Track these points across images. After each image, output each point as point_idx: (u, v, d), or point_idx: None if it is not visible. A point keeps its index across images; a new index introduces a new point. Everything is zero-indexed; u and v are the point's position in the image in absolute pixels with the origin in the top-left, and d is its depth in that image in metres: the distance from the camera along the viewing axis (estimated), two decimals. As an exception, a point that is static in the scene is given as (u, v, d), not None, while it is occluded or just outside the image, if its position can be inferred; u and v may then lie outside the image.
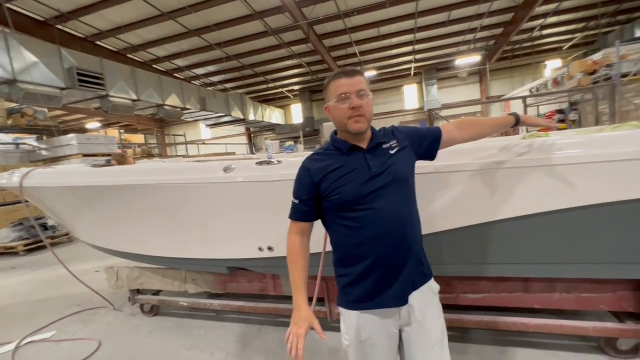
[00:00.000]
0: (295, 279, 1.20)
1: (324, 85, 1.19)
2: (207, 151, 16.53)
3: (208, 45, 10.91)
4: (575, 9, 11.06)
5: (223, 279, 2.61)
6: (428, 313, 1.18)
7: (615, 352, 1.91)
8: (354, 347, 1.19)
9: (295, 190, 1.22)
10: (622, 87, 6.44)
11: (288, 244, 1.23)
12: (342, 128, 1.16)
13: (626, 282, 1.80)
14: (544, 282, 1.90)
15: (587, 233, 1.57)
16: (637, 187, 1.45)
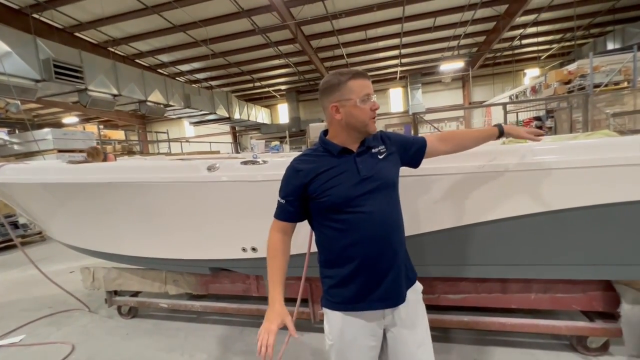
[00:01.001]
0: (272, 274, 1.20)
1: (335, 82, 1.13)
2: (190, 149, 16.21)
3: (194, 42, 10.71)
4: (553, 21, 11.57)
5: (205, 280, 2.56)
6: (412, 313, 1.20)
7: (585, 350, 2.00)
8: (337, 348, 1.19)
9: (281, 190, 1.21)
10: (594, 97, 6.76)
11: (269, 241, 1.23)
12: (361, 128, 1.14)
13: (596, 283, 1.88)
14: (521, 283, 1.96)
15: (561, 236, 1.64)
16: (606, 192, 1.52)
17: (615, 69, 7.49)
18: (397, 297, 1.17)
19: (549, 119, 8.92)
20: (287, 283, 2.37)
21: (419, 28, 11.28)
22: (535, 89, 9.85)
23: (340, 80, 1.12)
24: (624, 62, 7.46)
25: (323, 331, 1.25)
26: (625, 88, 7.46)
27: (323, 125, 9.93)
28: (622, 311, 1.79)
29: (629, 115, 6.85)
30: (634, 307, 1.77)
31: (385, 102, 18.67)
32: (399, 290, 1.17)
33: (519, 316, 2.06)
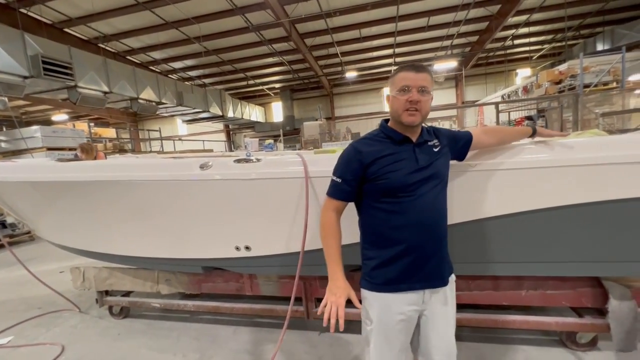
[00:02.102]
0: (332, 252, 1.24)
1: (392, 74, 1.24)
2: (183, 148, 16.04)
3: (186, 39, 10.59)
4: (544, 22, 11.70)
5: (198, 279, 2.54)
6: (450, 299, 1.28)
7: (575, 345, 2.04)
8: (376, 331, 1.23)
9: (339, 169, 1.24)
10: (584, 97, 6.87)
11: (324, 219, 1.26)
12: (396, 119, 1.22)
13: (586, 280, 1.92)
14: (513, 280, 1.99)
15: (551, 233, 1.66)
16: (596, 190, 1.55)
17: (605, 70, 7.62)
18: (439, 279, 1.24)
19: (540, 118, 9.03)
20: (281, 282, 2.39)
21: (413, 27, 11.32)
22: (527, 88, 9.97)
23: (394, 74, 1.23)
24: (612, 63, 7.59)
25: (317, 329, 1.26)
26: (614, 88, 7.59)
27: (317, 124, 9.93)
28: (610, 307, 1.83)
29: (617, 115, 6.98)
30: (621, 303, 1.80)
31: (379, 101, 18.71)
32: (442, 274, 1.25)
33: (510, 313, 2.08)
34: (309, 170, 1.77)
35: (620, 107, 7.11)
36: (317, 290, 2.28)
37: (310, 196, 1.77)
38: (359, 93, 18.79)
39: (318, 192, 1.78)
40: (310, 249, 1.89)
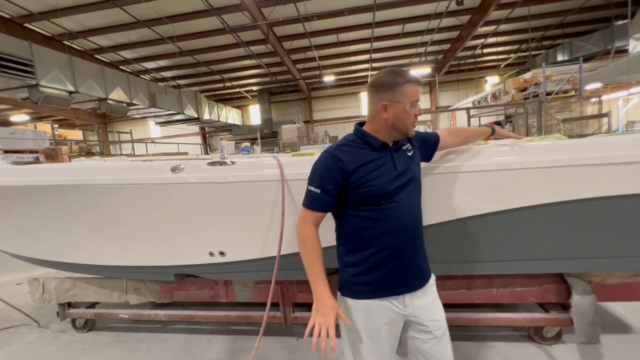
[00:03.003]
0: (315, 268, 1.17)
1: (390, 81, 1.15)
2: (156, 151, 15.47)
3: (160, 39, 10.26)
4: (510, 32, 12.38)
5: (170, 287, 2.43)
6: (430, 302, 1.27)
7: (541, 340, 2.13)
8: (362, 340, 1.20)
9: (316, 178, 1.17)
10: (547, 104, 7.31)
11: (304, 234, 1.19)
12: (403, 130, 1.20)
13: (551, 276, 2.01)
14: (484, 279, 2.05)
15: (519, 233, 1.73)
16: (558, 190, 1.63)
17: (565, 79, 8.15)
18: (418, 282, 1.24)
19: (507, 123, 9.50)
20: (257, 287, 2.34)
21: (389, 34, 11.61)
22: (496, 95, 10.47)
23: (396, 82, 1.15)
24: (571, 73, 8.13)
25: (295, 334, 1.23)
26: (573, 96, 8.13)
27: (295, 127, 9.90)
28: (572, 302, 1.93)
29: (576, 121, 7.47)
30: (582, 298, 1.91)
31: (357, 105, 18.99)
32: (421, 276, 1.25)
33: (481, 311, 2.15)
34: (285, 172, 1.74)
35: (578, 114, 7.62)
36: (294, 295, 2.25)
37: (287, 199, 1.75)
38: (337, 97, 18.99)
39: (295, 195, 1.76)
40: (287, 253, 1.87)
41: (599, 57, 11.44)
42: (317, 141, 10.78)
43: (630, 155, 1.55)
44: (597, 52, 11.32)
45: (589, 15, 11.16)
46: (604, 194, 1.60)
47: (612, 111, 7.98)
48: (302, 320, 2.28)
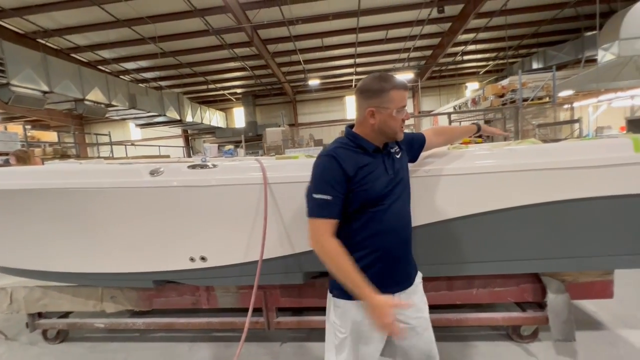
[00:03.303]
0: (354, 278, 1.11)
1: (377, 87, 1.15)
2: (137, 153, 15.03)
3: (140, 39, 10.02)
4: (489, 41, 12.83)
5: (148, 295, 2.35)
6: (418, 300, 1.31)
7: (519, 338, 2.19)
8: (352, 340, 1.21)
9: (322, 185, 1.12)
10: (523, 109, 7.60)
11: (327, 248, 1.12)
12: (391, 136, 1.22)
13: (527, 276, 2.08)
14: (465, 280, 2.10)
15: (497, 234, 1.78)
16: (532, 193, 1.69)
17: (539, 86, 8.51)
18: (407, 281, 1.28)
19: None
20: (240, 293, 2.30)
21: (373, 39, 11.78)
22: (475, 100, 10.80)
23: (382, 88, 1.15)
24: (545, 80, 8.49)
25: (278, 339, 1.21)
26: (547, 103, 8.50)
27: (280, 130, 9.87)
28: (547, 300, 1.99)
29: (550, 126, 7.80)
30: (557, 296, 1.98)
31: (342, 109, 19.14)
32: (409, 275, 1.29)
33: (462, 311, 2.19)
34: (269, 176, 1.73)
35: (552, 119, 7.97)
36: (277, 299, 2.22)
37: (270, 203, 1.73)
38: (322, 100, 19.07)
39: (278, 199, 1.75)
40: (270, 257, 1.85)
41: (571, 65, 12.01)
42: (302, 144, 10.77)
43: (600, 159, 1.62)
44: (569, 61, 11.89)
45: (561, 26, 11.71)
46: (576, 196, 1.67)
47: (582, 117, 8.39)
48: (285, 325, 2.25)
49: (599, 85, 7.81)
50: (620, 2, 9.10)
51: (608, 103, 9.91)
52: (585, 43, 10.75)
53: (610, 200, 1.64)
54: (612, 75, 7.67)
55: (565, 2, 9.62)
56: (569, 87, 8.29)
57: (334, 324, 1.26)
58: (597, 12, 8.28)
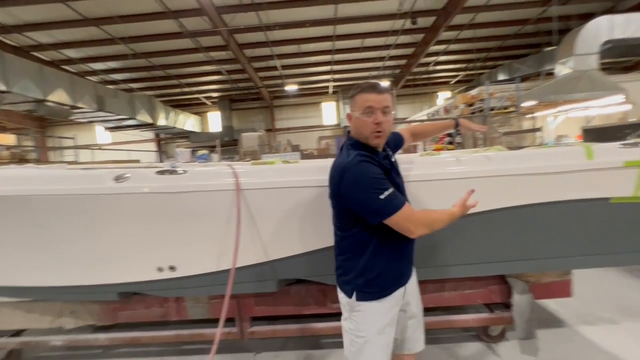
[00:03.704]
0: (443, 213, 1.27)
1: (352, 94, 1.26)
2: (104, 158, 14.31)
3: (110, 39, 9.60)
4: (459, 52, 13.44)
5: (112, 308, 2.22)
6: (416, 286, 1.48)
7: (488, 338, 2.27)
8: (373, 341, 1.27)
9: (379, 185, 1.16)
10: (490, 118, 8.00)
11: (422, 219, 1.23)
12: (363, 140, 1.25)
13: (494, 278, 2.16)
14: (436, 283, 2.15)
15: (467, 238, 1.85)
16: (498, 198, 1.77)
17: (505, 96, 9.00)
18: (411, 271, 1.42)
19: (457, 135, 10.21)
20: (212, 303, 2.22)
21: (349, 47, 11.99)
22: (447, 109, 11.24)
23: (353, 93, 1.25)
24: (510, 91, 9.00)
25: (252, 350, 1.18)
26: (512, 112, 9.00)
27: (257, 135, 9.77)
28: (513, 301, 2.08)
29: (515, 134, 8.26)
30: (522, 297, 2.07)
31: (319, 115, 19.26)
32: (412, 266, 1.43)
33: (434, 314, 2.24)
34: (243, 182, 1.70)
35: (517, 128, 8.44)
36: (252, 308, 2.17)
37: (243, 209, 1.70)
38: (300, 106, 19.11)
39: (251, 205, 1.72)
40: (243, 265, 1.81)
41: (533, 78, 12.81)
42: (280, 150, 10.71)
43: (556, 166, 1.73)
44: (531, 73, 12.68)
45: (524, 41, 12.49)
46: (536, 201, 1.77)
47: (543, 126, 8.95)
48: (260, 334, 2.20)
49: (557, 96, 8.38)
50: (575, 21, 9.87)
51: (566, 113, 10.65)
52: (545, 57, 11.52)
53: (566, 205, 1.75)
54: (568, 88, 8.25)
55: (526, 19, 10.30)
56: (531, 97, 8.83)
57: (350, 330, 1.31)
58: (554, 29, 8.91)
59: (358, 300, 1.28)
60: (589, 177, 1.72)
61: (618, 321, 2.45)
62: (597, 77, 8.46)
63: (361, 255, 1.27)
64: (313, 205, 1.73)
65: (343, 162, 1.21)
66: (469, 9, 8.93)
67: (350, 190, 1.17)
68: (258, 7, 8.38)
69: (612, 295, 2.83)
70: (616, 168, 1.71)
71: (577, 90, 8.13)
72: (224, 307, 1.56)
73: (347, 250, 1.30)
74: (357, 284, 1.27)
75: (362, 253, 1.27)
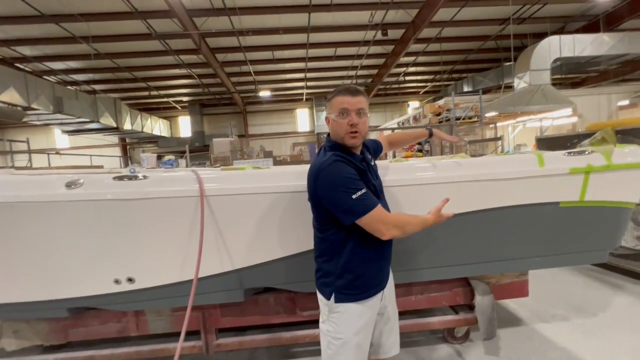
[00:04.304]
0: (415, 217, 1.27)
1: (328, 97, 1.30)
2: (62, 163, 13.36)
3: (71, 37, 9.06)
4: (427, 64, 14.08)
5: (63, 325, 2.04)
6: (392, 292, 1.50)
7: (454, 340, 2.34)
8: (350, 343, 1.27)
9: (352, 185, 1.17)
10: (456, 127, 8.40)
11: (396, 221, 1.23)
12: (339, 141, 1.28)
13: (459, 280, 2.24)
14: (404, 287, 2.18)
15: (432, 243, 1.90)
16: (461, 203, 1.83)
17: (469, 107, 9.51)
18: (389, 275, 1.44)
19: (426, 143, 10.61)
20: (175, 315, 2.11)
21: (322, 55, 12.16)
22: (416, 117, 11.67)
23: (330, 96, 1.29)
24: (474, 102, 9.53)
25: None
26: (476, 122, 9.52)
27: (228, 140, 9.57)
28: (475, 302, 2.16)
29: (478, 142, 8.73)
30: (483, 298, 2.16)
31: (293, 122, 19.28)
32: (389, 270, 1.45)
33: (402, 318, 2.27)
34: (209, 188, 1.64)
35: (480, 137, 8.92)
36: (218, 319, 2.09)
37: (208, 216, 1.64)
38: (273, 112, 19.03)
39: (216, 211, 1.66)
40: (208, 274, 1.74)
41: (494, 90, 13.67)
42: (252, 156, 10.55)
43: (512, 172, 1.83)
44: (493, 86, 13.55)
45: (486, 56, 13.32)
46: (498, 205, 1.86)
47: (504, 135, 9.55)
48: (226, 347, 2.12)
49: (515, 108, 8.99)
50: (530, 39, 10.69)
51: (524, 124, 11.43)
52: (505, 71, 12.35)
53: (522, 209, 1.86)
54: (525, 100, 8.89)
55: (487, 35, 11.01)
56: (492, 108, 9.41)
57: (327, 332, 1.31)
58: (512, 46, 9.61)
59: (337, 301, 1.28)
60: (541, 183, 1.84)
61: (569, 318, 2.61)
62: (549, 91, 9.19)
63: (339, 256, 1.28)
64: (282, 212, 1.71)
65: (319, 162, 1.24)
66: (435, 24, 9.40)
67: (325, 190, 1.20)
68: (231, 12, 8.30)
69: (563, 293, 3.02)
70: (564, 175, 1.84)
71: (532, 103, 8.78)
72: (185, 319, 1.48)
73: (326, 252, 1.31)
74: (337, 286, 1.28)
75: (340, 254, 1.28)
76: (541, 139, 4.39)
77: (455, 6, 8.55)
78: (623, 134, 3.11)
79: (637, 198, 1.98)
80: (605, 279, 3.27)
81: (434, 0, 7.95)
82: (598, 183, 1.87)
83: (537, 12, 9.48)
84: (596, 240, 2.05)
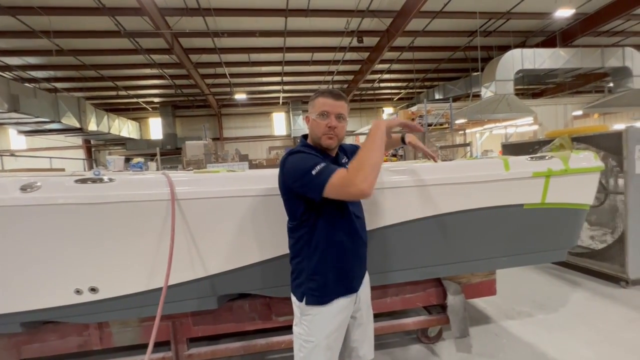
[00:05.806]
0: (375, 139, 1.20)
1: (312, 97, 1.34)
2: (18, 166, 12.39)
3: (29, 31, 8.47)
4: (401, 72, 14.53)
5: (15, 342, 1.87)
6: (368, 295, 1.49)
7: (427, 340, 2.39)
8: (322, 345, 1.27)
9: (311, 161, 1.18)
10: (428, 133, 8.70)
11: (352, 167, 1.14)
12: (316, 140, 1.32)
13: (432, 281, 2.30)
14: (379, 290, 2.20)
15: (405, 245, 1.94)
16: (429, 207, 1.88)
17: (440, 114, 9.90)
18: (363, 276, 1.43)
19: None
20: (143, 326, 2.00)
21: (299, 60, 12.20)
22: (391, 123, 12.00)
23: (314, 96, 1.33)
24: (445, 109, 9.93)
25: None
26: (447, 128, 9.92)
27: (202, 143, 9.32)
28: (447, 302, 2.23)
29: (449, 148, 9.09)
30: (455, 297, 2.23)
31: (269, 125, 19.13)
32: (364, 273, 1.44)
33: (377, 320, 2.29)
34: (180, 191, 1.58)
35: (451, 142, 9.30)
36: (189, 329, 2.00)
37: (179, 221, 1.58)
38: (249, 115, 18.78)
39: (187, 215, 1.60)
40: (179, 282, 1.67)
41: (463, 98, 14.34)
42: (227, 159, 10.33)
43: (479, 176, 1.91)
44: (462, 94, 14.22)
45: (456, 65, 13.96)
46: (467, 207, 1.93)
47: (472, 141, 10.02)
48: (199, 357, 2.03)
49: (482, 116, 9.48)
50: (495, 51, 11.33)
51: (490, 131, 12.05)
52: (473, 81, 13.01)
53: (488, 211, 1.94)
54: (491, 109, 9.40)
55: (457, 46, 11.55)
56: (461, 116, 9.86)
57: (299, 335, 1.31)
58: (479, 57, 10.15)
59: (308, 304, 1.28)
60: (506, 186, 1.94)
61: (533, 314, 2.76)
62: (513, 100, 9.78)
63: (310, 258, 1.28)
64: (255, 216, 1.67)
65: (286, 154, 1.29)
66: (409, 33, 9.73)
67: (289, 173, 1.23)
68: (205, 13, 8.13)
69: (528, 291, 3.19)
70: (527, 178, 1.95)
71: (498, 111, 9.29)
72: (154, 329, 1.41)
73: (299, 253, 1.31)
74: (308, 288, 1.28)
75: (311, 256, 1.28)
76: (506, 144, 4.64)
77: (427, 17, 8.91)
78: (578, 141, 3.36)
79: (591, 200, 2.13)
80: (565, 277, 3.49)
81: (407, 10, 8.24)
82: (557, 186, 2.00)
83: (502, 26, 10.10)
84: (556, 240, 2.18)
